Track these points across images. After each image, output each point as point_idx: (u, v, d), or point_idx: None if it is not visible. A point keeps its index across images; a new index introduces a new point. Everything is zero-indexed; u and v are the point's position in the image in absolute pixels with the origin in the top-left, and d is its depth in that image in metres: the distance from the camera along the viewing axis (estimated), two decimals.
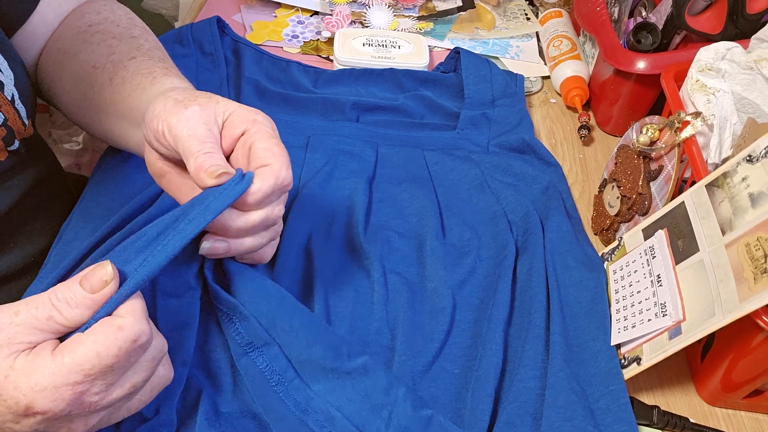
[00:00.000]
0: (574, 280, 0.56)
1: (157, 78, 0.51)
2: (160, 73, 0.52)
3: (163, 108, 0.44)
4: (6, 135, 0.52)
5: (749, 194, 0.47)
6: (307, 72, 0.78)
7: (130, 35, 0.57)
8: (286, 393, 0.45)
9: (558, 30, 0.85)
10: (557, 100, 0.83)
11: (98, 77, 0.54)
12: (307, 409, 0.44)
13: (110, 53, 0.55)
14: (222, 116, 0.45)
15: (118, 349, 0.35)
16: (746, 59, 0.60)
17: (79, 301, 0.36)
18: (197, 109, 0.44)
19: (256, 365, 0.46)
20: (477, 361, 0.51)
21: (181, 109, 0.44)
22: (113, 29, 0.58)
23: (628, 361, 0.51)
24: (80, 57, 0.56)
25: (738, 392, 0.52)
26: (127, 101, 0.51)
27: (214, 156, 0.43)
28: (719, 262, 0.47)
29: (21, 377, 0.34)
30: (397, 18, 0.89)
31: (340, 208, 0.61)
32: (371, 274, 0.56)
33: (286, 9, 0.90)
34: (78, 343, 0.35)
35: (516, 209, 0.62)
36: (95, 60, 0.55)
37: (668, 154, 0.58)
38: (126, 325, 0.36)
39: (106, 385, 0.36)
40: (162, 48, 0.58)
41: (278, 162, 0.44)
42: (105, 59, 0.55)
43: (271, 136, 0.45)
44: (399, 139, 0.70)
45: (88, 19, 0.59)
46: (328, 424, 0.43)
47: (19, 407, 0.34)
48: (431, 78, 0.77)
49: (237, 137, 0.45)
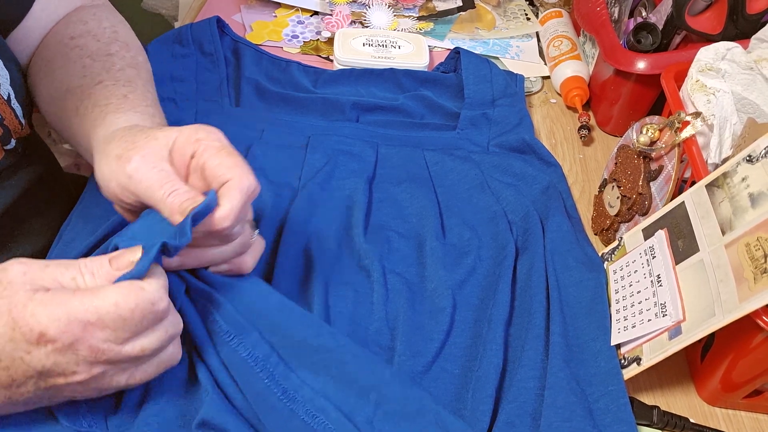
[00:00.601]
0: (574, 280, 0.56)
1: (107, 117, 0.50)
2: (112, 109, 0.51)
3: (109, 171, 0.44)
4: (2, 134, 0.52)
5: (749, 194, 0.47)
6: (307, 72, 0.78)
7: (107, 52, 0.56)
8: (273, 380, 0.43)
9: (558, 30, 0.85)
10: (557, 100, 0.83)
11: (68, 102, 0.54)
12: (295, 397, 0.43)
13: (83, 75, 0.55)
14: (167, 148, 0.44)
15: (135, 305, 0.37)
16: (746, 59, 0.60)
17: (104, 275, 0.39)
18: (138, 158, 0.43)
19: (237, 354, 0.44)
20: (477, 361, 0.51)
21: (125, 164, 0.43)
22: (92, 45, 0.57)
23: (628, 361, 0.51)
24: (57, 75, 0.56)
25: (738, 392, 0.52)
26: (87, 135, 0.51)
27: (179, 193, 0.42)
28: (719, 262, 0.47)
29: (39, 306, 0.37)
30: (397, 18, 0.89)
31: (340, 208, 0.61)
32: (371, 274, 0.56)
33: (286, 9, 0.90)
34: (100, 290, 0.38)
35: (516, 209, 0.62)
36: (69, 81, 0.55)
37: (668, 154, 0.58)
38: (148, 288, 0.38)
39: (117, 337, 0.38)
40: (138, 65, 0.57)
41: (236, 173, 0.43)
42: (77, 81, 0.54)
43: (219, 149, 0.44)
44: (399, 139, 0.70)
45: (72, 29, 0.59)
46: (319, 414, 0.43)
47: (33, 334, 0.36)
48: (431, 78, 0.77)
49: (188, 162, 0.44)
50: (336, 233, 0.59)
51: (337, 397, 0.43)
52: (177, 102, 0.71)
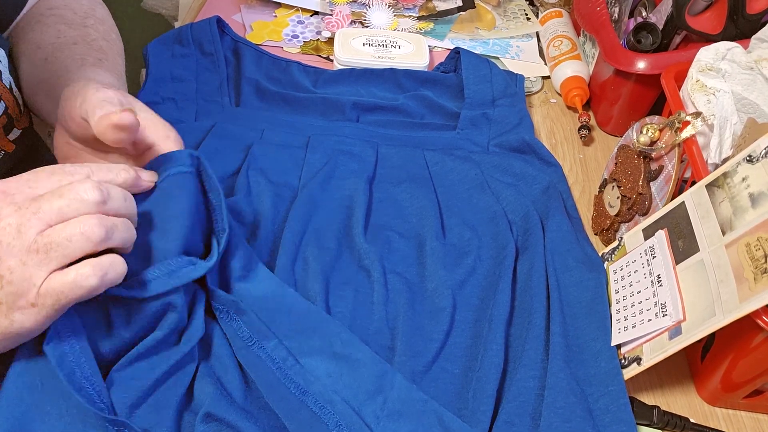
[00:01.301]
0: (574, 280, 0.56)
1: (86, 66, 0.51)
2: (90, 62, 0.52)
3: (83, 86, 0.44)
4: (6, 123, 0.52)
5: (749, 194, 0.47)
6: (307, 72, 0.78)
7: (83, 24, 0.58)
8: (287, 377, 0.46)
9: (558, 30, 0.85)
10: (557, 100, 0.83)
11: (38, 55, 0.55)
12: (306, 391, 0.45)
13: (57, 37, 0.56)
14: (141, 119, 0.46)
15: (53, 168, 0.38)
16: (746, 59, 0.60)
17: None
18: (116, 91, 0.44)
19: (256, 355, 0.47)
20: (478, 361, 0.51)
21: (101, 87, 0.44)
22: (69, 15, 0.59)
23: (629, 361, 0.51)
24: (29, 36, 0.57)
25: (738, 392, 0.52)
26: (52, 81, 0.52)
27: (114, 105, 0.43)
28: (719, 262, 0.47)
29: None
30: (397, 18, 0.89)
31: (340, 208, 0.61)
32: (371, 274, 0.56)
33: (286, 9, 0.90)
34: None
35: (516, 209, 0.62)
36: (40, 40, 0.56)
37: (668, 154, 0.58)
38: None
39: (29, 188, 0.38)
40: (111, 40, 0.59)
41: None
42: (49, 41, 0.55)
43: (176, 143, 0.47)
44: (399, 139, 0.70)
45: (52, 2, 0.60)
46: (328, 406, 0.44)
47: None
48: (431, 78, 0.77)
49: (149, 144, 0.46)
50: (336, 233, 0.59)
51: (346, 394, 0.45)
52: (177, 102, 0.71)
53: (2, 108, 0.51)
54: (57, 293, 0.37)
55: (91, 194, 0.38)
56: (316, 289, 0.54)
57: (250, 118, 0.71)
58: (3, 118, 0.52)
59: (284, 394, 0.45)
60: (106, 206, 0.39)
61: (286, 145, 0.68)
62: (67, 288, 0.37)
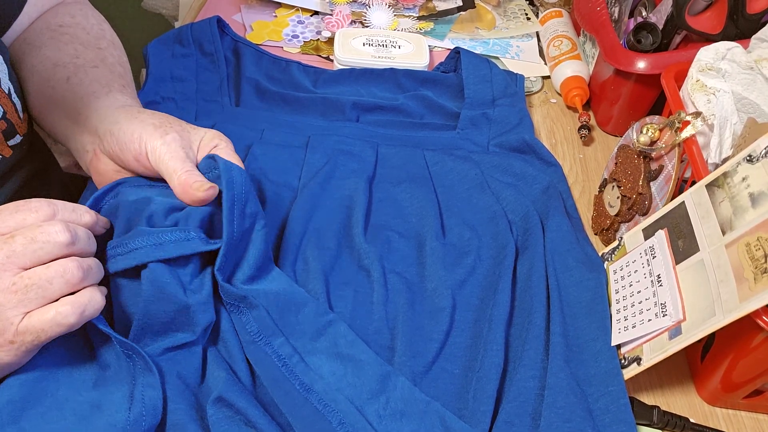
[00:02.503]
0: (574, 280, 0.56)
1: (113, 92, 0.54)
2: (116, 89, 0.55)
3: (143, 131, 0.48)
4: (6, 128, 0.52)
5: (749, 194, 0.47)
6: (307, 72, 0.78)
7: (97, 46, 0.60)
8: (292, 373, 0.47)
9: (558, 30, 0.85)
10: (557, 100, 0.83)
11: (57, 73, 0.56)
12: (311, 388, 0.46)
13: (75, 56, 0.57)
14: (197, 143, 0.51)
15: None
16: (746, 59, 0.60)
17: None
18: (176, 136, 0.49)
19: (263, 351, 0.48)
20: (478, 361, 0.51)
21: (162, 134, 0.48)
22: (82, 35, 0.60)
23: (628, 361, 0.51)
24: (43, 51, 0.57)
25: (738, 392, 0.52)
26: (77, 103, 0.53)
27: (195, 173, 0.48)
28: (719, 262, 0.47)
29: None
30: (397, 18, 0.89)
31: (340, 208, 0.61)
32: (371, 274, 0.56)
33: (286, 9, 0.90)
34: None
35: (516, 209, 0.62)
36: (58, 58, 0.57)
37: (668, 154, 0.58)
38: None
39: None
40: (125, 64, 0.61)
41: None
42: (68, 59, 0.56)
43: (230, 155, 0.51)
44: (399, 139, 0.70)
45: (61, 20, 0.61)
46: (331, 403, 0.45)
47: None
48: (431, 78, 0.77)
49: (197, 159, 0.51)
50: (336, 233, 0.59)
51: (350, 393, 0.46)
52: (177, 102, 0.71)
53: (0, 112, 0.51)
54: (37, 331, 0.39)
55: (62, 236, 0.40)
56: (316, 289, 0.54)
57: (250, 118, 0.71)
58: (2, 123, 0.52)
59: (289, 389, 0.46)
60: (74, 247, 0.41)
61: (286, 145, 0.68)
62: (47, 326, 0.39)
